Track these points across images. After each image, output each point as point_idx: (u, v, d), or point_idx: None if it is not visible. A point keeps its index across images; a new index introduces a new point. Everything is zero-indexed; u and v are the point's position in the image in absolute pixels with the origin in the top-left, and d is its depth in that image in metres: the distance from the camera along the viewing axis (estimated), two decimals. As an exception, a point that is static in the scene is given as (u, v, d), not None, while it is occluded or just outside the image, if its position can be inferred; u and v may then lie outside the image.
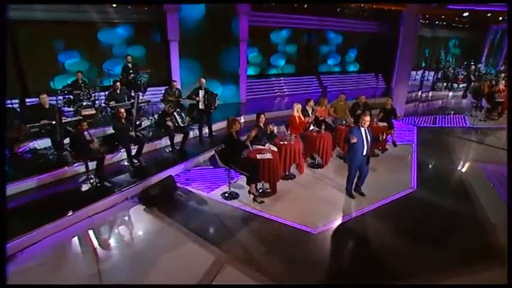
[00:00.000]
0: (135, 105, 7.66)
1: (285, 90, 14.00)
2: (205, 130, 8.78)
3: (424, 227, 5.45)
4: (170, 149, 7.81)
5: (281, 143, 6.84)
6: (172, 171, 7.00)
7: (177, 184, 6.51)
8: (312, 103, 8.07)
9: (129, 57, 9.38)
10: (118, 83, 7.89)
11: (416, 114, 12.22)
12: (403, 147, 8.99)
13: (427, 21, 17.24)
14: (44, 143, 7.22)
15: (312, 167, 7.66)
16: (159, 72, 10.71)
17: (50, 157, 6.70)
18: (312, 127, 7.74)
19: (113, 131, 6.88)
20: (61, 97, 8.40)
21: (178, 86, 9.48)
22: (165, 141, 8.10)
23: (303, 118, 7.70)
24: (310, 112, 8.05)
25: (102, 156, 6.33)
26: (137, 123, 7.45)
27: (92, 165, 6.18)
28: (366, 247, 5.01)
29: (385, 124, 8.39)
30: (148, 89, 10.35)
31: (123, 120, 6.90)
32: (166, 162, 7.24)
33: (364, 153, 5.86)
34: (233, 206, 5.99)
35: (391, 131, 8.66)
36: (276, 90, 13.82)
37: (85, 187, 6.10)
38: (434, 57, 18.62)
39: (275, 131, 6.84)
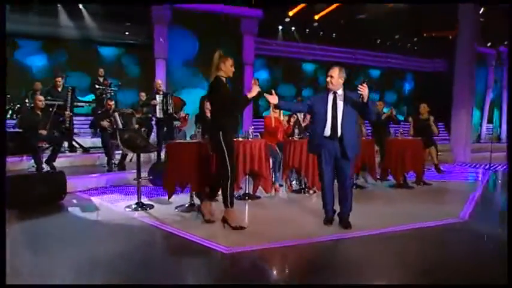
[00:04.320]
0: (68, 102, 6.71)
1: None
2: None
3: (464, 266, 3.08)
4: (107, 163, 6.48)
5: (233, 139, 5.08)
6: (89, 184, 5.60)
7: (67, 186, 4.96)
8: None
9: (101, 70, 8.85)
10: (60, 78, 7.14)
11: (493, 160, 9.53)
12: (461, 185, 6.72)
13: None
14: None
15: (298, 193, 5.63)
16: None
17: None
18: (296, 135, 5.89)
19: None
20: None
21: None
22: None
23: (282, 120, 5.99)
24: (301, 119, 6.31)
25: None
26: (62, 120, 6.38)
27: None
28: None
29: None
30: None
31: (39, 111, 5.90)
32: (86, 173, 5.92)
33: (327, 133, 3.72)
34: (129, 217, 4.28)
35: (430, 149, 6.39)
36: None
37: None
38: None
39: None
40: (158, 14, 9.74)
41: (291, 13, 10.97)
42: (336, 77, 3.72)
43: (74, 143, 7.09)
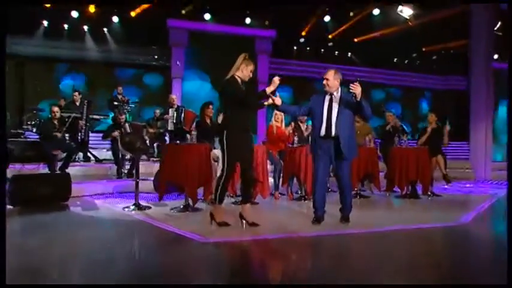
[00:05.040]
0: (84, 114, 7.15)
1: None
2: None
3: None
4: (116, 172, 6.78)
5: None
6: (96, 189, 5.87)
7: (75, 190, 5.25)
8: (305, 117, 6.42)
9: (119, 88, 9.34)
10: (77, 93, 7.66)
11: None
12: (472, 197, 6.54)
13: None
14: None
15: (298, 200, 5.63)
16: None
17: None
18: (296, 143, 5.93)
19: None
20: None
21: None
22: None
23: (284, 129, 6.08)
24: (304, 129, 6.38)
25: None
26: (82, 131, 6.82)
27: None
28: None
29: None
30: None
31: (55, 121, 6.34)
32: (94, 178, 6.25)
33: (323, 133, 3.85)
34: (123, 214, 4.50)
35: (437, 158, 6.23)
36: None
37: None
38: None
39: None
40: (175, 37, 10.33)
41: (303, 33, 11.26)
42: (331, 79, 3.87)
43: (88, 154, 7.49)
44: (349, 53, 12.64)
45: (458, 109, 12.62)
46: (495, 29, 10.03)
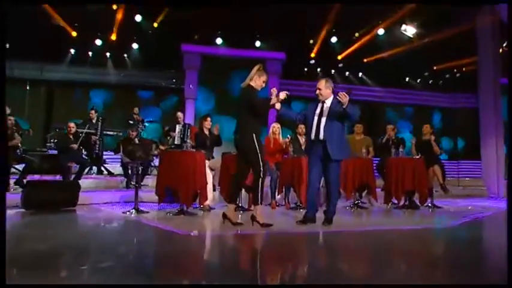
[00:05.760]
0: (98, 130, 7.67)
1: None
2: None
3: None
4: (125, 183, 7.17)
5: (225, 155, 5.54)
6: (104, 198, 6.25)
7: (85, 199, 5.64)
8: (303, 129, 6.64)
9: (135, 108, 9.91)
10: (93, 111, 8.24)
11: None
12: (474, 208, 6.39)
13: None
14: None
15: (294, 209, 5.77)
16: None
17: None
18: (292, 154, 6.14)
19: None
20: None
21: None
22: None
23: (281, 141, 6.32)
24: (302, 141, 6.59)
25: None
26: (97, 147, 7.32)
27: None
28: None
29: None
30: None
31: (71, 136, 6.88)
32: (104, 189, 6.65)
33: (313, 136, 4.16)
34: (122, 215, 4.83)
35: (433, 168, 6.24)
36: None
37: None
38: None
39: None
40: (189, 61, 10.96)
41: (313, 54, 11.60)
42: (323, 88, 4.19)
43: (102, 168, 7.97)
44: (360, 73, 12.83)
45: (470, 127, 12.42)
46: (504, 45, 10.05)
